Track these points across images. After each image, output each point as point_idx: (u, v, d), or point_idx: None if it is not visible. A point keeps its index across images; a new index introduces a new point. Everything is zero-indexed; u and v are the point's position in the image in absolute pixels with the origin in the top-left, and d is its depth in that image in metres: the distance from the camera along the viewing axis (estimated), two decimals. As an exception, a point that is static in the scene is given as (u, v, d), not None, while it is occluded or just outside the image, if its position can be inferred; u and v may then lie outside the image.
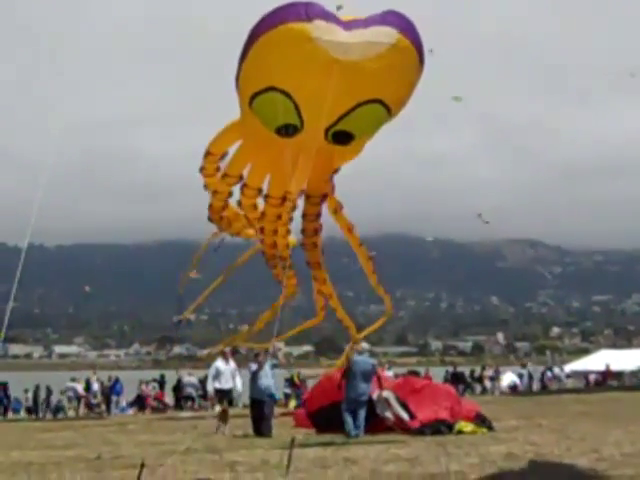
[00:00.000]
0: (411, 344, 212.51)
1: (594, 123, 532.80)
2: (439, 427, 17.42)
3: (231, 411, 21.48)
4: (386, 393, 18.10)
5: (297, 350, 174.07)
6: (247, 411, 20.29)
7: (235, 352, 19.44)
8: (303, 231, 17.36)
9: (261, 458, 13.29)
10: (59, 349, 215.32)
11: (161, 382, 43.01)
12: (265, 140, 15.19)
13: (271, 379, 18.81)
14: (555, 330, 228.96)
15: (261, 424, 18.34)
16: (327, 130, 14.61)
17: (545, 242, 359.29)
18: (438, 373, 45.88)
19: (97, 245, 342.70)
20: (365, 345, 18.86)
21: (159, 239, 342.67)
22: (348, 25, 13.50)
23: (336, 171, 16.56)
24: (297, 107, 14.11)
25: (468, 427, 17.51)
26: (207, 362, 25.63)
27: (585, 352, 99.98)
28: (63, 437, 21.99)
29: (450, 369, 46.85)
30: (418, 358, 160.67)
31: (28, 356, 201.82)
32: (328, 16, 13.47)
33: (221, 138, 16.37)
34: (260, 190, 16.56)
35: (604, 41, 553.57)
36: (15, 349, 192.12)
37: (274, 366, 18.94)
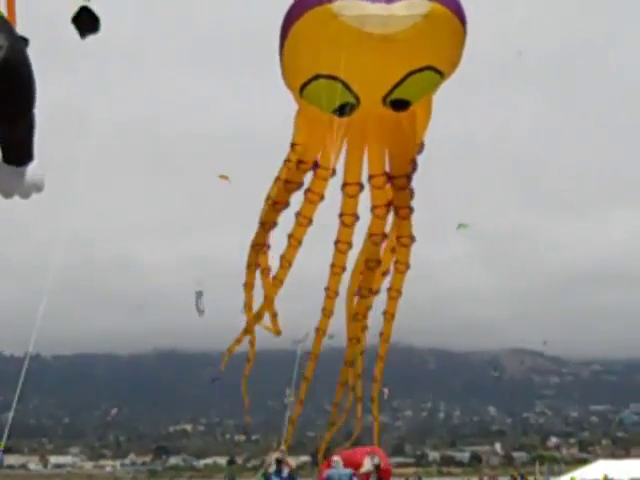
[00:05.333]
0: (408, 454, 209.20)
1: (590, 233, 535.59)
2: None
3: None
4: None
5: (294, 460, 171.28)
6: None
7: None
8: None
9: None
10: (55, 459, 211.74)
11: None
12: (327, 121, 14.93)
13: None
14: (553, 440, 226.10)
15: None
16: (384, 99, 14.41)
17: (542, 352, 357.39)
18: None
19: (93, 355, 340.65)
20: (337, 458, 19.20)
21: (154, 349, 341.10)
22: None
23: (420, 150, 15.87)
24: (348, 86, 13.95)
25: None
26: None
27: (583, 462, 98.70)
28: None
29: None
30: (415, 469, 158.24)
31: (24, 466, 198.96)
32: None
33: (297, 128, 16.04)
34: (334, 171, 16.12)
35: (599, 152, 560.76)
36: (10, 459, 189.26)
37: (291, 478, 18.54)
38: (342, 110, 14.23)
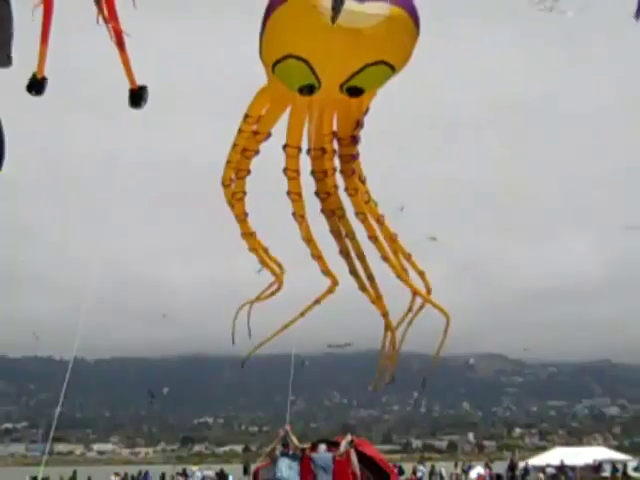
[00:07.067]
0: (395, 443, 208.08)
1: (549, 256, 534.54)
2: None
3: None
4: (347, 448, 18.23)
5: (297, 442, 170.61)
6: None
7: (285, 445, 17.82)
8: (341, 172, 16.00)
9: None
10: (97, 447, 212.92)
11: (184, 474, 43.13)
12: (290, 98, 14.91)
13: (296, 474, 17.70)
14: (517, 431, 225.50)
15: None
16: (341, 86, 14.42)
17: (508, 356, 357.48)
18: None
19: (129, 359, 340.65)
20: (322, 446, 18.80)
21: (179, 353, 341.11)
22: None
23: (365, 112, 15.76)
24: (313, 69, 13.87)
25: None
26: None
27: (543, 449, 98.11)
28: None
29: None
30: (401, 455, 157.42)
31: (71, 453, 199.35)
32: None
33: (255, 101, 15.82)
34: (299, 148, 15.90)
35: (558, 187, 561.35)
36: (60, 447, 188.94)
37: (294, 457, 17.86)
38: (305, 89, 14.30)
